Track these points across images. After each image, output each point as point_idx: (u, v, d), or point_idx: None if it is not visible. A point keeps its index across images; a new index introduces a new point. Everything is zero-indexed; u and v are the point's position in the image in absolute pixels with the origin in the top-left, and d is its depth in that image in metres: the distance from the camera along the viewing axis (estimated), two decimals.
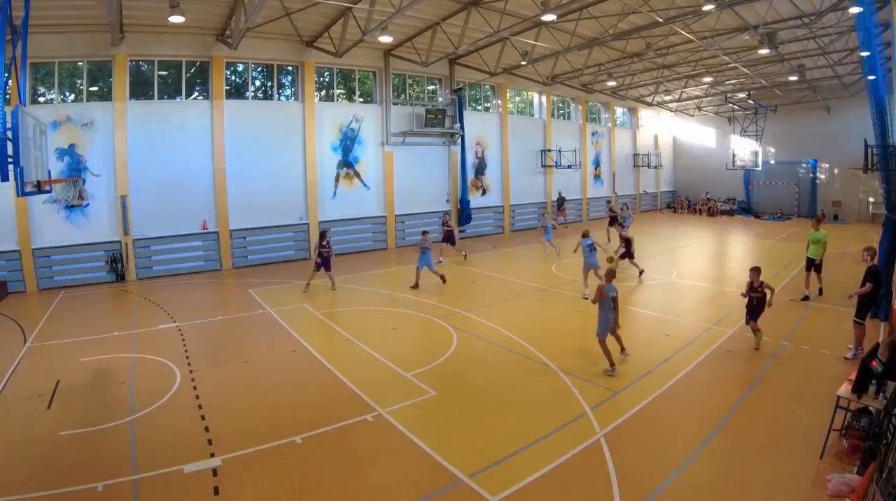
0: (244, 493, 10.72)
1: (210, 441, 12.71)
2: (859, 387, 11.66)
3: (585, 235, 26.91)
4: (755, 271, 18.50)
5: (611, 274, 17.60)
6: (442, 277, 28.97)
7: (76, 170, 30.52)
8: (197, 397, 15.28)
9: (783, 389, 15.28)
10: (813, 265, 25.01)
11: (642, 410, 14.03)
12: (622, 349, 17.54)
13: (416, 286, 28.19)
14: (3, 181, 13.89)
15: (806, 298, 24.70)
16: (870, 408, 11.57)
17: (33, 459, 12.05)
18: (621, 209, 40.74)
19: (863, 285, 17.35)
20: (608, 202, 55.58)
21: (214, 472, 11.40)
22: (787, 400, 14.46)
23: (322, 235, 28.84)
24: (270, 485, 11.02)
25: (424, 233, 29.08)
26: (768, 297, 18.19)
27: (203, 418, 13.85)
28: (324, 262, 28.07)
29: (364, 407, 14.33)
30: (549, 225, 38.35)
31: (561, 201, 52.39)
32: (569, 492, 10.65)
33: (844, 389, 11.98)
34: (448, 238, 35.56)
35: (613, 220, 41.94)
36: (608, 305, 16.73)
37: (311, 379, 16.49)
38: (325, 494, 10.76)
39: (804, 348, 18.45)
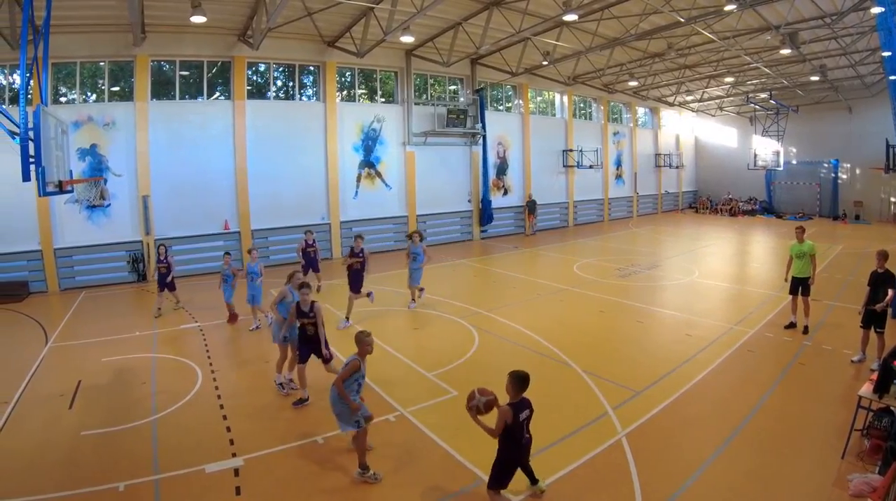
0: (266, 493, 10.67)
1: (232, 441, 12.71)
2: (881, 387, 11.51)
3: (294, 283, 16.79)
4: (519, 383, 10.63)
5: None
6: (233, 314, 23.62)
7: (98, 170, 30.61)
8: (219, 397, 15.30)
9: (805, 389, 15.19)
10: (800, 286, 20.32)
11: (664, 410, 13.96)
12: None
13: (233, 318, 23.60)
14: (25, 181, 13.90)
15: (792, 325, 20.59)
16: (891, 408, 11.45)
17: (55, 459, 12.07)
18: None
19: (873, 292, 16.87)
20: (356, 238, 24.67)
21: (236, 472, 11.38)
22: (809, 401, 14.38)
23: (158, 249, 25.46)
24: (292, 485, 10.99)
25: (227, 254, 24.52)
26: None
27: (225, 418, 13.82)
28: (161, 280, 24.84)
29: (386, 407, 14.29)
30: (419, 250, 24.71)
31: (532, 205, 50.68)
32: (590, 492, 10.61)
33: (866, 389, 11.82)
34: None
35: (356, 275, 22.98)
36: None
37: (332, 379, 16.47)
38: (347, 494, 10.73)
39: (826, 348, 18.33)
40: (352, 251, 22.35)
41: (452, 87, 46.78)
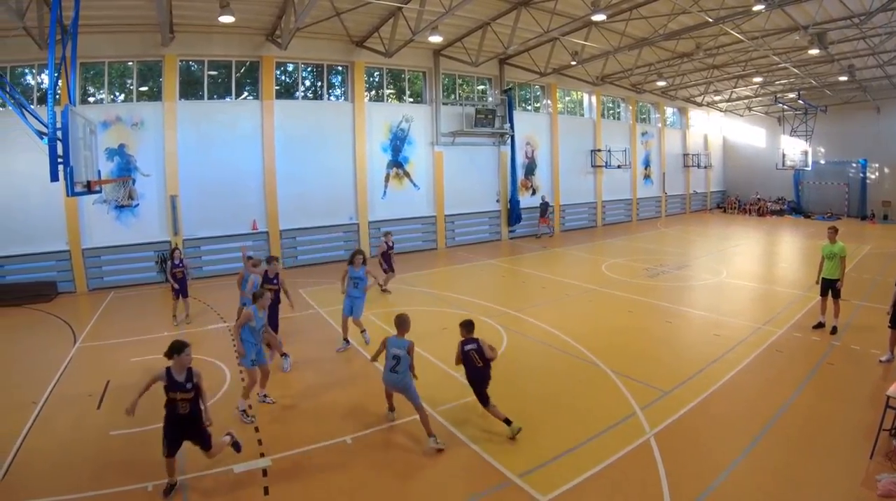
0: (294, 493, 10.68)
1: (260, 441, 12.72)
2: None
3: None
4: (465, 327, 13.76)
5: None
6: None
7: (126, 170, 30.78)
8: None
9: (833, 389, 15.15)
10: (830, 287, 20.00)
11: (692, 410, 13.96)
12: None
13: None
14: (53, 181, 13.95)
15: (820, 325, 20.29)
16: None
17: (84, 459, 12.10)
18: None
19: None
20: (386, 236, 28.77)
21: (264, 472, 11.38)
22: (837, 400, 14.33)
23: (173, 253, 23.78)
24: (320, 485, 11.00)
25: (249, 257, 20.79)
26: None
27: (253, 418, 13.80)
28: (180, 286, 23.10)
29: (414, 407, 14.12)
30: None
31: (545, 207, 48.77)
32: (619, 492, 10.62)
33: (895, 389, 11.74)
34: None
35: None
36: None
37: (361, 379, 16.40)
38: (375, 494, 10.78)
39: (854, 348, 18.22)
40: (265, 277, 18.65)
41: (481, 87, 46.69)
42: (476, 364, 13.00)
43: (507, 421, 12.65)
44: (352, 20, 32.99)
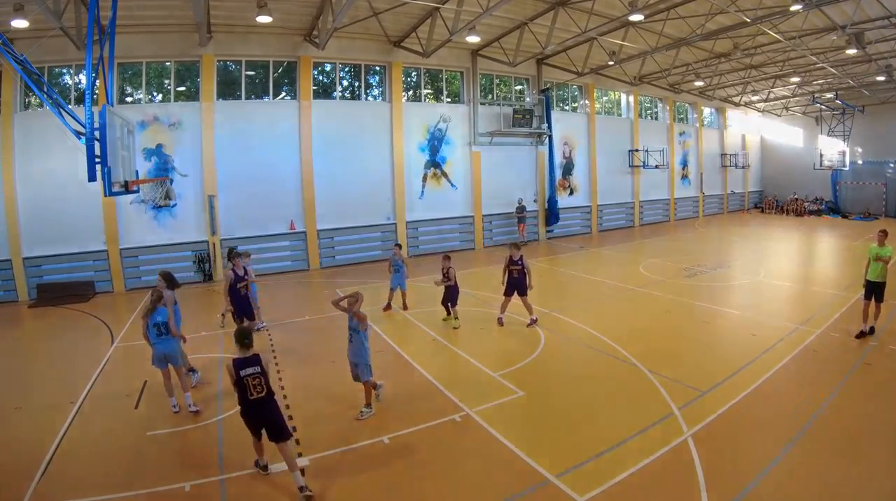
0: (331, 493, 10.63)
1: (297, 441, 12.61)
2: None
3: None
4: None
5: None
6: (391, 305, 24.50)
7: (164, 170, 31.03)
8: (284, 397, 15.14)
9: (871, 390, 14.97)
10: (874, 290, 19.39)
11: (730, 410, 13.83)
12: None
13: (388, 307, 24.46)
14: (90, 181, 13.97)
15: (863, 334, 19.22)
16: None
17: (121, 459, 12.13)
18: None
19: None
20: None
21: (302, 472, 11.17)
22: (875, 401, 14.16)
23: (232, 260, 21.75)
24: (358, 485, 10.98)
25: (397, 245, 25.27)
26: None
27: (290, 418, 13.72)
28: (240, 306, 20.44)
29: (451, 407, 14.25)
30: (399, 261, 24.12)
31: (521, 211, 44.46)
32: (656, 492, 10.54)
33: None
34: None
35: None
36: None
37: (399, 379, 16.31)
38: (413, 494, 10.73)
39: (892, 348, 17.97)
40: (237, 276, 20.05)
41: (518, 87, 46.65)
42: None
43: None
44: (389, 20, 33.03)
